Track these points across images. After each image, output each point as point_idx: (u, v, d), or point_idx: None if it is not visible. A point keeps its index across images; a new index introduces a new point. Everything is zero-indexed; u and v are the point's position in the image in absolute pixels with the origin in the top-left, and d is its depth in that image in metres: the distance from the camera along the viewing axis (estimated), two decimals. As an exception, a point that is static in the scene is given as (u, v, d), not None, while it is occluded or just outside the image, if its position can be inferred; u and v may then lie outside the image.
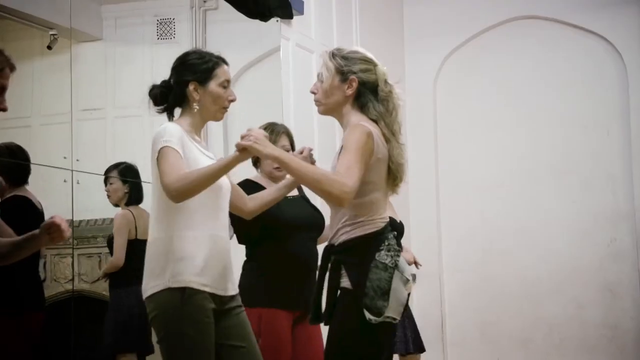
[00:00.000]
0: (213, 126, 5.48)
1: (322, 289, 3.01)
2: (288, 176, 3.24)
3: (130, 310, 4.63)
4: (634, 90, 6.81)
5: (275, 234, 3.82)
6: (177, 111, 3.27)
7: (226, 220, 3.21)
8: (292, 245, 3.85)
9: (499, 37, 7.30)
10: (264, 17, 5.23)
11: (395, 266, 2.88)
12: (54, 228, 2.61)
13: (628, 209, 6.79)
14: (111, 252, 4.66)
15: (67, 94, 4.36)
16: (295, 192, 4.01)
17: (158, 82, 3.29)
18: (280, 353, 3.78)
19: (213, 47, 5.48)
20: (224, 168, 2.95)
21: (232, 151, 2.99)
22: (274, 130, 3.99)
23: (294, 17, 5.55)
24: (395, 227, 5.00)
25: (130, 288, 4.72)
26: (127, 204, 4.74)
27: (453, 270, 5.38)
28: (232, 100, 3.21)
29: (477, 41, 7.37)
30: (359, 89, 2.99)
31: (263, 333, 3.70)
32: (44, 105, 4.52)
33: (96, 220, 4.83)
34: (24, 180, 3.99)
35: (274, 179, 3.94)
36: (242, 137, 2.92)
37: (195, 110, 3.16)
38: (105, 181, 4.68)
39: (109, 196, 4.67)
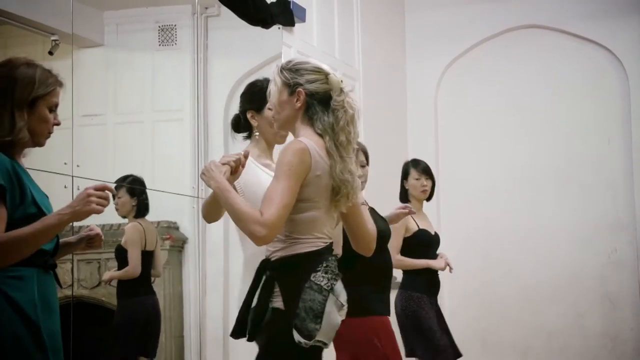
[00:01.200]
0: (213, 133, 5.50)
1: (251, 302, 2.86)
2: None
3: (139, 318, 4.66)
4: (635, 99, 6.82)
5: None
6: None
7: None
8: (381, 254, 3.98)
9: (501, 46, 7.31)
10: (266, 24, 5.24)
11: (331, 289, 2.75)
12: (96, 239, 2.96)
13: (629, 219, 6.79)
14: (119, 262, 4.69)
15: (68, 100, 4.35)
16: (366, 205, 4.11)
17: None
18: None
19: (214, 54, 5.50)
20: (213, 196, 3.05)
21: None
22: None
23: (296, 25, 5.56)
24: (427, 239, 5.09)
25: (139, 297, 4.75)
26: (136, 217, 4.79)
27: (453, 277, 5.37)
28: None
29: (478, 49, 7.38)
30: (308, 101, 2.86)
31: (384, 340, 4.01)
32: (45, 111, 4.51)
33: (96, 226, 4.83)
34: None
35: None
36: None
37: (257, 136, 3.35)
38: (113, 195, 4.70)
39: (117, 209, 4.71)
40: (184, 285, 5.34)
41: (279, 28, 5.39)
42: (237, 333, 2.90)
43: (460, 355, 5.22)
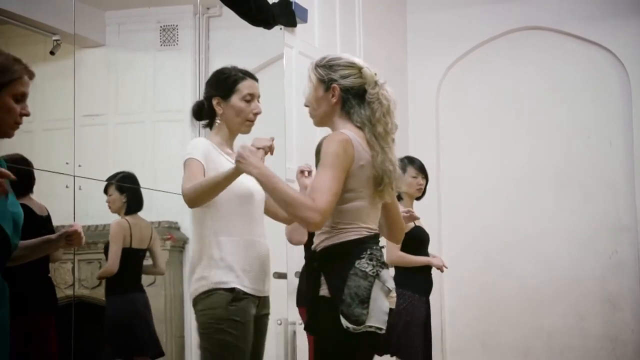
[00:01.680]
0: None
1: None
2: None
3: (126, 317, 4.64)
4: (636, 100, 6.81)
5: None
6: None
7: (263, 226, 3.34)
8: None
9: (502, 47, 7.31)
10: (268, 25, 5.23)
11: (377, 276, 2.81)
12: (75, 236, 2.82)
13: (630, 220, 6.78)
14: (107, 259, 4.68)
15: (70, 100, 4.37)
16: None
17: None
18: None
19: (216, 54, 5.50)
20: (226, 179, 3.07)
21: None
22: None
23: (298, 25, 5.55)
24: (422, 236, 5.07)
25: (126, 295, 4.73)
26: (127, 213, 4.76)
27: (453, 279, 5.37)
28: (257, 114, 3.38)
29: (480, 51, 7.37)
30: (343, 96, 2.94)
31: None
32: (46, 111, 4.52)
33: (97, 226, 4.84)
34: (29, 190, 4.02)
35: None
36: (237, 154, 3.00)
37: (222, 123, 3.37)
38: (105, 191, 4.71)
39: (109, 207, 4.70)
40: (185, 286, 5.34)
41: (280, 28, 5.38)
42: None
43: None
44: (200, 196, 3.10)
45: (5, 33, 4.33)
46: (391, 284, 2.86)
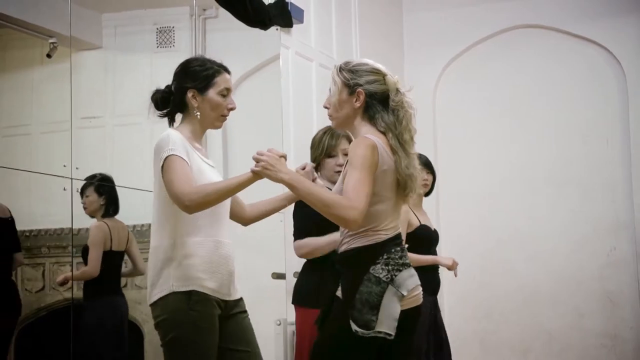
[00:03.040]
0: (212, 133, 5.49)
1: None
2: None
3: (105, 321, 4.62)
4: (633, 99, 6.83)
5: None
6: (179, 118, 3.30)
7: (229, 226, 3.26)
8: None
9: (498, 46, 7.32)
10: (264, 26, 5.24)
11: (391, 281, 2.87)
12: None
13: (627, 218, 6.79)
14: (85, 262, 4.63)
15: (67, 102, 4.36)
16: None
17: (162, 87, 3.38)
18: None
19: (213, 55, 5.48)
20: (239, 186, 3.05)
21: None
22: (334, 135, 4.11)
23: (294, 26, 5.56)
24: (428, 235, 5.05)
25: (104, 299, 4.70)
26: (104, 216, 4.72)
27: (452, 279, 5.35)
28: (232, 109, 3.28)
29: (476, 50, 7.38)
30: (367, 101, 3.00)
31: None
32: (43, 114, 4.52)
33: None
34: None
35: (333, 182, 4.04)
36: (255, 160, 3.01)
37: (195, 117, 3.23)
38: (82, 193, 4.64)
39: (85, 208, 4.61)
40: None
41: (277, 29, 5.39)
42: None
43: None
44: (209, 202, 3.00)
45: (2, 36, 4.33)
46: (406, 289, 2.89)
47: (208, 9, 5.47)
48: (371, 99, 3.01)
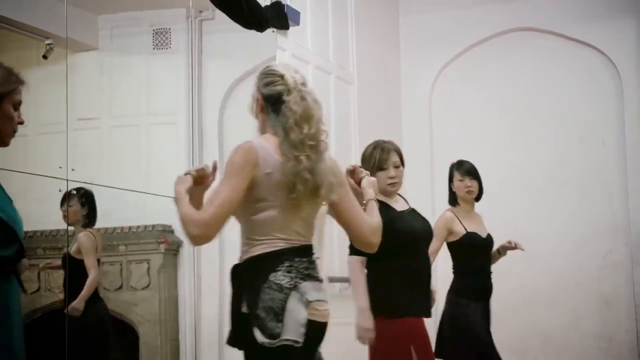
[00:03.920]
0: (208, 135, 5.50)
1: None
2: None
3: (96, 325, 4.62)
4: (628, 101, 6.84)
5: (410, 246, 3.99)
6: None
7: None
8: (422, 256, 4.06)
9: (495, 49, 7.32)
10: (260, 28, 5.24)
11: (295, 288, 2.70)
12: None
13: (624, 220, 6.80)
14: (69, 271, 4.59)
15: (63, 104, 4.36)
16: (406, 206, 4.19)
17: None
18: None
19: (209, 57, 5.51)
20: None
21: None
22: (384, 149, 4.15)
23: (290, 28, 5.56)
24: (472, 242, 5.07)
25: (93, 305, 4.68)
26: (84, 226, 4.71)
27: (449, 280, 5.35)
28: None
29: (472, 52, 7.39)
30: (264, 105, 2.87)
31: (415, 342, 3.94)
32: (40, 115, 4.52)
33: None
34: None
35: (388, 195, 4.10)
36: None
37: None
38: (62, 202, 4.62)
39: (65, 216, 4.56)
40: (179, 289, 5.34)
41: (273, 31, 5.39)
42: (230, 341, 2.88)
43: None
44: None
45: (-2, 37, 4.34)
46: (312, 296, 2.73)
47: (204, 10, 5.47)
48: (267, 102, 2.86)
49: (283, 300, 2.67)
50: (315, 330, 2.73)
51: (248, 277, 2.75)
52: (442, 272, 5.38)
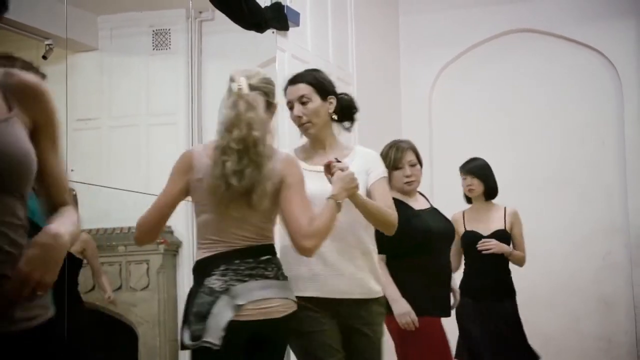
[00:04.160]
0: (209, 135, 5.49)
1: None
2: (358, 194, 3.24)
3: (87, 326, 4.63)
4: (628, 102, 6.84)
5: (426, 245, 4.00)
6: None
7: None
8: (439, 255, 4.06)
9: (495, 50, 7.32)
10: (260, 29, 5.24)
11: (226, 291, 2.72)
12: None
13: (623, 222, 6.80)
14: (69, 271, 4.60)
15: (63, 104, 4.36)
16: (427, 205, 4.25)
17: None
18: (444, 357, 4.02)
19: (209, 58, 5.50)
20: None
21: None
22: (399, 148, 4.21)
23: (290, 29, 5.56)
24: (470, 240, 5.12)
25: (82, 306, 4.69)
26: None
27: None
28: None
29: (472, 53, 7.39)
30: None
31: (430, 341, 3.94)
32: (39, 115, 4.50)
33: (90, 230, 4.84)
34: None
35: (405, 193, 4.14)
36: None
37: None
38: None
39: None
40: (178, 289, 5.34)
41: (273, 32, 5.39)
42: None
43: None
44: None
45: (-2, 37, 4.33)
46: (244, 299, 2.73)
47: (204, 11, 5.47)
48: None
49: (210, 304, 2.70)
50: (241, 331, 2.72)
51: (193, 283, 2.84)
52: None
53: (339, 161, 3.11)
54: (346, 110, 3.43)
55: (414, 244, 3.93)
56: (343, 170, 3.02)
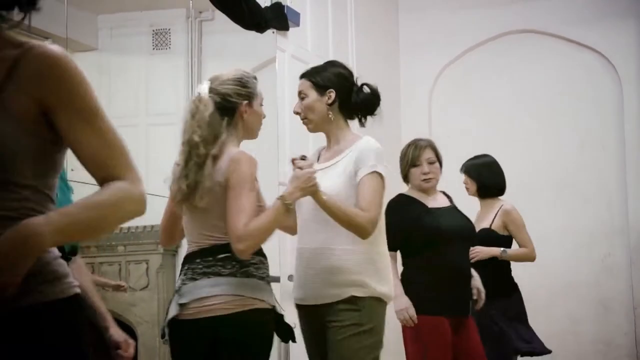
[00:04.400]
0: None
1: None
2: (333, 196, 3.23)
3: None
4: (628, 104, 6.83)
5: (435, 243, 4.00)
6: None
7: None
8: (451, 253, 4.02)
9: (495, 50, 7.32)
10: (260, 29, 5.23)
11: (178, 289, 2.90)
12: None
13: (622, 224, 6.80)
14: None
15: (62, 104, 4.35)
16: (447, 203, 4.27)
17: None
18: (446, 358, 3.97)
19: (208, 58, 5.50)
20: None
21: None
22: (417, 146, 4.27)
23: (290, 29, 5.55)
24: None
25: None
26: None
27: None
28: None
29: (472, 54, 7.38)
30: None
31: (427, 340, 3.92)
32: (39, 115, 4.50)
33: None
34: None
35: (424, 191, 4.17)
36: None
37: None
38: None
39: None
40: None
41: (273, 32, 5.38)
42: None
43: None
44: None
45: (-3, 37, 4.32)
46: (188, 298, 2.83)
47: (204, 11, 5.46)
48: None
49: (170, 303, 2.93)
50: (185, 329, 2.86)
51: None
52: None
53: (303, 158, 3.10)
54: (361, 104, 3.36)
55: (422, 241, 3.92)
56: (302, 169, 3.02)
